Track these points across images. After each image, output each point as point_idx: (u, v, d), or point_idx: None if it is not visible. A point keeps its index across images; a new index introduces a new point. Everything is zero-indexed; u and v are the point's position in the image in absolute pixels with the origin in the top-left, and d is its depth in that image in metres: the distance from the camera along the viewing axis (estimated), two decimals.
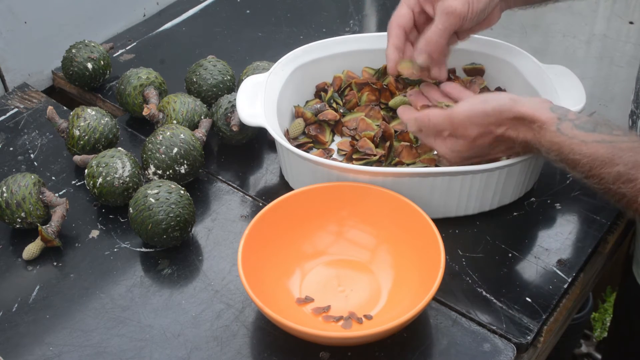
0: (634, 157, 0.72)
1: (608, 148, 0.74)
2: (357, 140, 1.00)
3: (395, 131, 1.00)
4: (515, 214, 0.94)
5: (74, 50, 1.13)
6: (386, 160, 0.97)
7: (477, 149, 0.84)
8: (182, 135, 0.95)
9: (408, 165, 0.97)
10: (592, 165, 0.74)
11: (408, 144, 0.98)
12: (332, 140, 1.03)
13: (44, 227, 0.89)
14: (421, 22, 0.94)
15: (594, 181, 0.74)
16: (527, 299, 0.84)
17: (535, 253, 0.89)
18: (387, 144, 0.97)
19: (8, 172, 1.01)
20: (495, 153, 0.86)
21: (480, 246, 0.90)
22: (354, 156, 0.98)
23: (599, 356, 1.78)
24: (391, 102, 1.04)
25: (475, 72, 1.06)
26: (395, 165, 0.96)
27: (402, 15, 0.91)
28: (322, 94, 1.07)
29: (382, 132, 0.98)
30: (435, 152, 0.96)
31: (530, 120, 0.79)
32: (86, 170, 0.94)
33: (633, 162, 0.72)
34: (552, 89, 0.94)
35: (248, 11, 1.38)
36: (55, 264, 0.89)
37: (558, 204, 0.95)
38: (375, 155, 0.96)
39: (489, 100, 0.82)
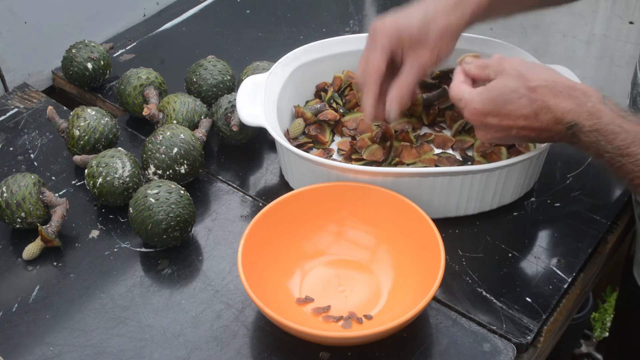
0: None
1: None
2: (356, 139, 1.00)
3: (395, 131, 1.00)
4: (515, 214, 0.94)
5: (74, 50, 1.13)
6: (386, 160, 0.97)
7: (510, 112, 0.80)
8: (182, 135, 0.95)
9: (408, 165, 0.97)
10: (632, 141, 0.72)
11: (408, 144, 0.98)
12: (332, 140, 1.03)
13: (44, 227, 0.89)
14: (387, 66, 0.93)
15: (629, 160, 0.72)
16: (527, 299, 0.84)
17: (535, 253, 0.89)
18: (388, 143, 0.97)
19: (8, 172, 1.01)
20: (522, 124, 0.80)
21: (480, 246, 0.90)
22: (353, 156, 0.98)
23: (599, 356, 1.78)
24: None
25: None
26: (395, 165, 0.96)
27: (379, 65, 0.90)
28: (322, 94, 1.07)
29: (382, 132, 0.97)
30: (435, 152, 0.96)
31: (575, 88, 0.77)
32: (86, 170, 0.94)
33: None
34: None
35: (248, 11, 1.38)
36: (55, 264, 0.89)
37: (558, 204, 0.95)
38: (379, 159, 0.97)
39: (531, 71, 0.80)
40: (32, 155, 1.05)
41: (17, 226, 0.92)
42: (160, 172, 0.94)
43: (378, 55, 0.89)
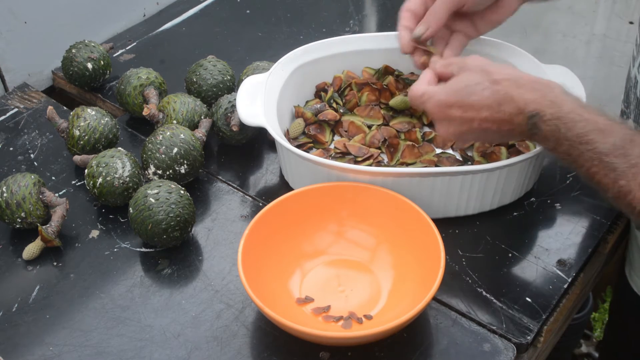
0: (631, 135, 0.72)
1: (606, 120, 0.73)
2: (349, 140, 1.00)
3: (398, 130, 1.01)
4: (515, 214, 0.94)
5: (74, 50, 1.13)
6: (391, 160, 0.98)
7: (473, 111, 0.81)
8: (182, 135, 0.95)
9: (409, 165, 0.97)
10: (591, 129, 0.73)
11: (411, 143, 0.98)
12: (332, 140, 1.03)
13: (44, 227, 0.89)
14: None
15: (587, 147, 0.73)
16: (527, 299, 0.84)
17: (535, 253, 0.89)
18: (391, 149, 0.98)
19: (8, 172, 1.01)
20: (486, 123, 0.81)
21: (480, 246, 0.90)
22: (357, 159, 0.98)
23: (598, 356, 1.78)
24: (391, 102, 1.04)
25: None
26: (399, 165, 0.97)
27: (414, 4, 0.93)
28: (322, 94, 1.07)
29: (384, 137, 0.98)
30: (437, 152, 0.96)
31: (538, 82, 0.78)
32: (86, 170, 0.94)
33: (630, 138, 0.72)
34: None
35: (248, 11, 1.38)
36: (55, 264, 0.89)
37: (558, 204, 0.95)
38: (372, 156, 0.97)
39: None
40: (32, 155, 1.05)
41: (17, 226, 0.92)
42: (160, 172, 0.94)
43: None
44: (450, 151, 1.00)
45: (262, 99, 0.96)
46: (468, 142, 0.86)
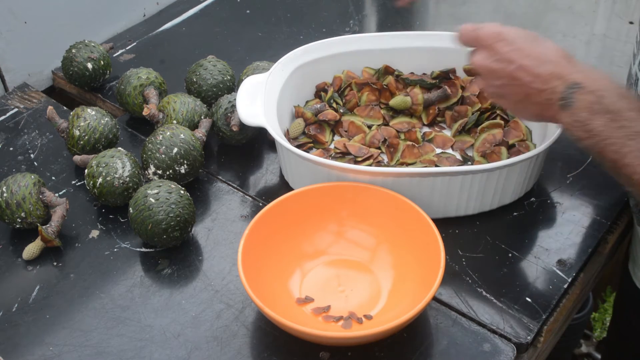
0: None
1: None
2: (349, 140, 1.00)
3: (398, 130, 1.01)
4: (515, 214, 0.94)
5: (74, 50, 1.13)
6: (391, 160, 0.98)
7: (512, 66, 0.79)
8: (182, 135, 0.95)
9: (409, 165, 0.97)
10: (636, 107, 0.71)
11: (411, 143, 0.98)
12: (332, 140, 1.03)
13: (44, 227, 0.89)
14: None
15: (629, 123, 0.70)
16: (527, 299, 0.84)
17: (535, 253, 0.89)
18: (391, 149, 0.98)
19: (8, 172, 1.01)
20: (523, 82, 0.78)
21: (480, 246, 0.90)
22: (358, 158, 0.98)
23: (599, 356, 1.78)
24: (391, 102, 1.04)
25: (475, 72, 1.06)
26: (399, 165, 0.97)
27: None
28: (322, 94, 1.07)
29: (384, 137, 0.98)
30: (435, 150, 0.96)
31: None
32: (86, 170, 0.94)
33: None
34: None
35: (248, 11, 1.38)
36: (55, 264, 0.89)
37: (558, 204, 0.95)
38: (372, 156, 0.97)
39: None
40: (32, 155, 1.05)
41: (17, 226, 0.92)
42: (160, 172, 0.94)
43: None
44: (450, 151, 1.00)
45: (262, 99, 0.96)
46: (492, 86, 0.82)
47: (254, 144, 1.06)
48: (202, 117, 1.03)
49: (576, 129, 0.74)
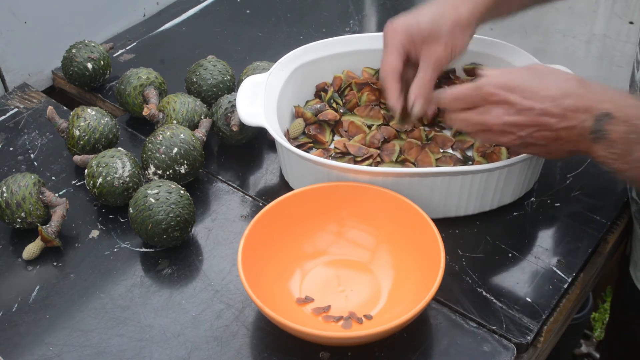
0: None
1: None
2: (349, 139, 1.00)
3: (398, 130, 1.01)
4: (515, 214, 0.94)
5: (74, 50, 1.13)
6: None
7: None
8: (182, 135, 0.95)
9: (413, 163, 0.97)
10: None
11: (418, 142, 0.98)
12: (332, 140, 1.03)
13: (44, 227, 0.89)
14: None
15: None
16: (527, 299, 0.84)
17: (535, 253, 0.89)
18: (389, 144, 0.98)
19: (8, 172, 1.01)
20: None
21: (480, 246, 0.90)
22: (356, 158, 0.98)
23: (599, 356, 1.78)
24: None
25: (475, 72, 1.06)
26: (401, 162, 0.96)
27: (394, 63, 0.90)
28: (322, 94, 1.07)
29: (383, 136, 0.98)
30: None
31: (598, 82, 0.72)
32: (86, 170, 0.94)
33: None
34: None
35: (248, 11, 1.38)
36: (55, 264, 0.89)
37: (558, 204, 0.95)
38: (371, 156, 0.96)
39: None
40: (32, 155, 1.05)
41: (17, 226, 0.92)
42: (160, 172, 0.94)
43: (390, 55, 0.90)
44: (450, 151, 1.00)
45: (262, 99, 0.96)
46: (517, 138, 0.77)
47: (254, 144, 1.06)
48: (202, 117, 1.03)
49: (614, 162, 0.71)
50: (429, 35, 0.88)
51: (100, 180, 0.92)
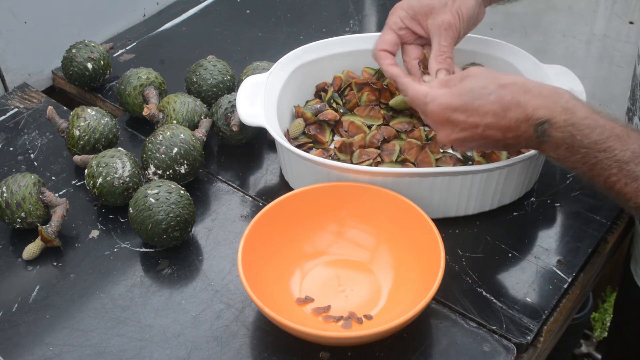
0: None
1: (622, 127, 0.71)
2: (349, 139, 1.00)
3: (398, 130, 1.00)
4: (515, 214, 0.94)
5: (74, 50, 1.13)
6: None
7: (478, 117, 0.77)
8: (182, 135, 0.95)
9: (413, 163, 0.97)
10: (608, 136, 0.70)
11: (418, 142, 0.98)
12: (332, 140, 1.03)
13: (44, 227, 0.89)
14: (410, 40, 0.97)
15: (606, 155, 0.70)
16: (527, 299, 0.84)
17: (535, 253, 0.89)
18: (389, 144, 0.98)
19: (8, 172, 1.01)
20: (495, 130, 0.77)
21: (480, 246, 0.90)
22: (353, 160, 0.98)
23: (599, 356, 1.78)
24: (391, 102, 1.04)
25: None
26: (401, 162, 0.96)
27: (384, 37, 0.95)
28: (322, 94, 1.07)
29: (383, 136, 0.98)
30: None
31: (545, 87, 0.75)
32: (86, 170, 0.94)
33: None
34: None
35: (248, 11, 1.38)
36: (55, 264, 0.89)
37: (558, 204, 0.95)
38: (372, 158, 0.97)
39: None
40: (32, 155, 1.05)
41: (17, 226, 0.92)
42: (160, 172, 0.94)
43: (384, 33, 0.95)
44: (450, 151, 1.00)
45: (262, 99, 0.96)
46: (470, 149, 0.83)
47: (254, 144, 1.06)
48: (202, 117, 1.03)
49: (562, 162, 0.75)
50: (432, 7, 0.91)
51: (100, 180, 0.92)
